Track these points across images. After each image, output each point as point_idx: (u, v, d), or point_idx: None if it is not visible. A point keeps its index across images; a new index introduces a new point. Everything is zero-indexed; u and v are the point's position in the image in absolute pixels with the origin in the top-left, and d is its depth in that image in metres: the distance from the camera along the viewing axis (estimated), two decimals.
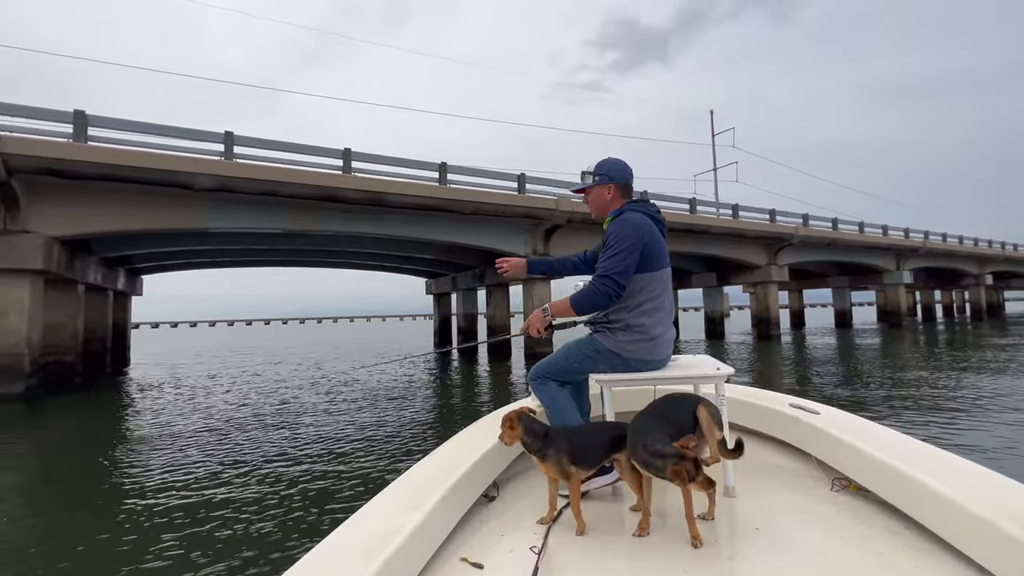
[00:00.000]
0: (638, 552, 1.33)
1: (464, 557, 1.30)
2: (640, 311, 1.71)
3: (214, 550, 3.11)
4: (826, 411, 1.85)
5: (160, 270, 17.63)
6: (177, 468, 4.84)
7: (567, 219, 14.32)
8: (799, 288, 31.39)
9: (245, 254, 16.64)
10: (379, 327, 60.39)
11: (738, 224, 18.65)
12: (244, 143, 10.51)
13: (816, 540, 1.34)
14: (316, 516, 3.60)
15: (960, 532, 1.19)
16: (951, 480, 1.27)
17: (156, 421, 7.19)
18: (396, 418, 7.00)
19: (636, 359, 1.72)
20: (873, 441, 1.54)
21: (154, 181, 9.58)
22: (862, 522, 1.42)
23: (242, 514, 3.67)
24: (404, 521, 1.16)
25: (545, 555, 1.28)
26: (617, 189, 1.85)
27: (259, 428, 6.57)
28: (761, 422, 1.99)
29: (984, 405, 6.71)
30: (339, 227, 12.15)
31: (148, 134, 10.01)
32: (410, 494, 1.32)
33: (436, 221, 13.26)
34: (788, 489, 1.67)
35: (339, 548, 1.08)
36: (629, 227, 1.70)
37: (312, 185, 10.70)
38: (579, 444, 1.46)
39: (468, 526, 1.47)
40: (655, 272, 1.74)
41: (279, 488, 4.20)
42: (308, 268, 21.54)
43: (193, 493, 4.14)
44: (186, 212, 10.52)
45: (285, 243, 14.18)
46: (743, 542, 1.36)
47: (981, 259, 31.64)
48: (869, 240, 23.63)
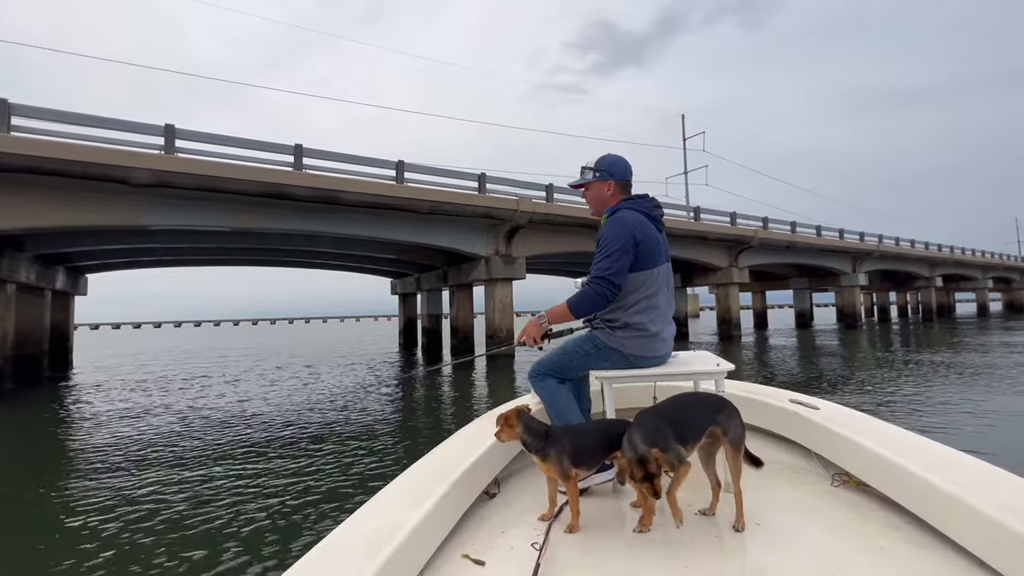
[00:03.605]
0: (639, 548, 1.33)
1: (466, 554, 1.30)
2: (636, 309, 1.71)
3: (214, 547, 3.11)
4: (826, 406, 1.86)
5: (106, 268, 16.85)
6: (141, 483, 4.53)
7: (528, 219, 14.27)
8: (762, 290, 32.17)
9: (196, 252, 16.04)
10: (335, 328, 59.26)
11: (700, 227, 18.96)
12: (187, 137, 10.07)
13: (816, 535, 1.35)
14: (317, 514, 3.60)
15: (960, 527, 1.19)
16: (951, 475, 1.27)
17: (86, 439, 6.66)
18: (396, 418, 6.86)
19: (636, 355, 1.71)
20: (873, 436, 1.55)
21: (87, 175, 9.09)
22: (862, 517, 1.43)
23: (243, 512, 3.66)
24: (406, 518, 1.17)
25: (546, 551, 1.29)
26: (617, 186, 1.84)
27: (232, 433, 6.27)
28: (761, 418, 2.00)
29: (902, 394, 6.95)
30: (291, 225, 11.80)
31: (84, 126, 9.50)
32: (412, 491, 1.32)
33: (394, 220, 13.03)
34: (788, 484, 1.68)
35: (342, 545, 1.08)
36: (621, 226, 1.70)
37: (260, 182, 10.34)
38: (580, 445, 1.46)
39: (469, 523, 1.48)
40: (650, 270, 1.73)
41: (278, 488, 4.19)
42: (268, 268, 20.96)
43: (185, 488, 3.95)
44: (124, 209, 10.03)
45: (237, 241, 13.70)
46: (743, 537, 1.36)
47: (932, 262, 33.06)
48: (826, 243, 24.39)
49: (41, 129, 9.08)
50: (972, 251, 36.86)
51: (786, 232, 22.71)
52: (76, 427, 7.08)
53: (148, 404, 8.73)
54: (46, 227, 9.68)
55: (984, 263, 38.24)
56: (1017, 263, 43.10)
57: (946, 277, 37.02)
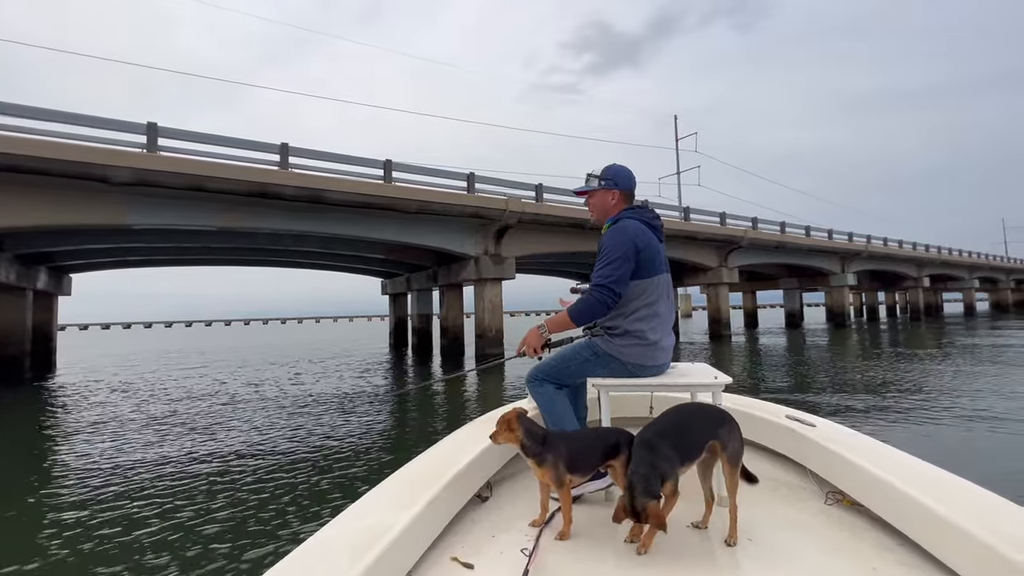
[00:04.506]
0: (629, 557, 1.33)
1: (455, 557, 1.30)
2: (636, 317, 1.72)
3: (200, 544, 3.09)
4: (822, 423, 1.85)
5: (91, 268, 16.64)
6: (129, 475, 4.46)
7: (518, 219, 14.24)
8: (752, 290, 32.38)
9: (184, 252, 15.88)
10: (328, 328, 59.03)
11: (689, 227, 19.02)
12: (170, 135, 9.96)
13: (808, 553, 1.34)
14: (300, 514, 3.60)
15: (952, 550, 1.19)
16: (945, 498, 1.26)
17: (62, 443, 6.55)
18: (392, 420, 6.81)
19: (634, 364, 1.72)
20: (868, 455, 1.54)
21: (67, 174, 8.96)
22: (855, 536, 1.42)
23: (229, 508, 3.66)
24: (395, 519, 1.16)
25: (536, 557, 1.29)
26: (621, 195, 1.86)
27: (222, 435, 6.19)
28: (757, 433, 2.00)
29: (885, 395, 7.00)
30: (277, 225, 11.71)
31: (63, 123, 9.35)
32: (402, 492, 1.31)
33: (382, 220, 12.96)
34: (782, 501, 1.68)
35: (326, 545, 1.06)
36: (622, 235, 1.72)
37: (244, 180, 10.23)
38: (577, 451, 1.45)
39: (460, 526, 1.47)
40: (650, 278, 1.74)
41: (265, 487, 4.17)
42: (260, 268, 20.79)
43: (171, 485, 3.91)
44: (105, 208, 9.90)
45: (224, 241, 13.57)
46: (735, 552, 1.36)
47: (919, 262, 33.40)
48: (815, 243, 24.56)
49: (20, 127, 8.93)
50: (959, 251, 37.28)
51: (775, 232, 22.84)
52: (53, 431, 6.97)
53: (127, 408, 8.62)
54: (25, 226, 9.53)
55: (971, 263, 38.70)
56: (1003, 263, 43.65)
57: (934, 277, 37.44)
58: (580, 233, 16.25)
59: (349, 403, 8.26)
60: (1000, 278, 45.34)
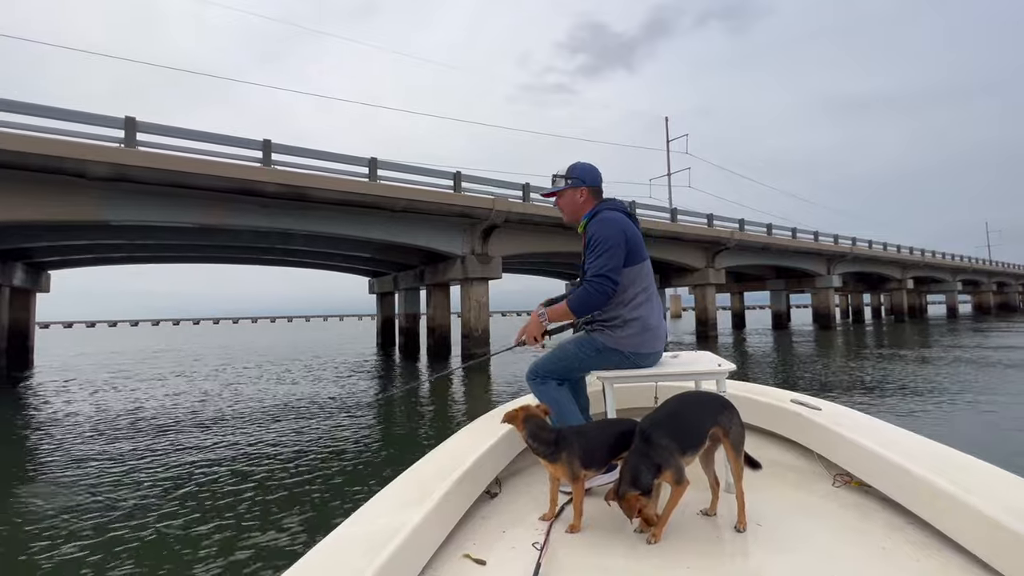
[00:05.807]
0: (639, 548, 1.33)
1: (467, 553, 1.30)
2: (635, 304, 1.74)
3: (216, 546, 3.08)
4: (828, 407, 1.86)
5: (70, 265, 16.35)
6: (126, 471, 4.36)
7: (504, 219, 14.22)
8: (740, 291, 32.61)
9: (166, 249, 15.68)
10: (318, 327, 58.57)
11: (676, 228, 19.11)
12: (148, 130, 9.80)
13: (818, 535, 1.35)
14: (317, 514, 3.58)
15: (961, 527, 1.19)
16: (952, 475, 1.27)
17: (32, 439, 6.47)
18: (394, 420, 6.77)
19: (635, 352, 1.73)
20: (874, 437, 1.55)
21: (40, 168, 8.79)
22: (864, 517, 1.43)
23: (248, 512, 3.63)
24: (408, 517, 1.16)
25: (547, 551, 1.29)
26: (589, 192, 1.87)
27: (214, 432, 6.08)
28: (763, 418, 2.00)
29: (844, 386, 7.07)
30: (259, 222, 11.57)
31: (39, 116, 9.17)
32: (413, 490, 1.33)
33: (366, 218, 12.86)
34: (790, 485, 1.68)
35: (343, 544, 1.08)
36: (610, 225, 1.73)
37: (225, 177, 10.10)
38: (590, 446, 1.45)
39: (470, 522, 1.48)
40: (641, 264, 1.77)
41: (279, 489, 4.13)
42: (250, 267, 20.56)
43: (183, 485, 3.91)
44: (81, 203, 9.70)
45: (207, 238, 13.39)
46: (745, 537, 1.36)
47: (904, 265, 33.86)
48: (801, 245, 24.79)
49: None
50: (943, 254, 37.84)
51: (762, 234, 23.02)
52: (22, 427, 6.82)
53: (103, 406, 8.47)
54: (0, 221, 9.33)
55: (954, 266, 39.30)
56: (985, 266, 44.38)
57: (917, 279, 37.96)
58: (567, 233, 16.25)
59: (336, 408, 8.17)
60: (982, 280, 46.10)
